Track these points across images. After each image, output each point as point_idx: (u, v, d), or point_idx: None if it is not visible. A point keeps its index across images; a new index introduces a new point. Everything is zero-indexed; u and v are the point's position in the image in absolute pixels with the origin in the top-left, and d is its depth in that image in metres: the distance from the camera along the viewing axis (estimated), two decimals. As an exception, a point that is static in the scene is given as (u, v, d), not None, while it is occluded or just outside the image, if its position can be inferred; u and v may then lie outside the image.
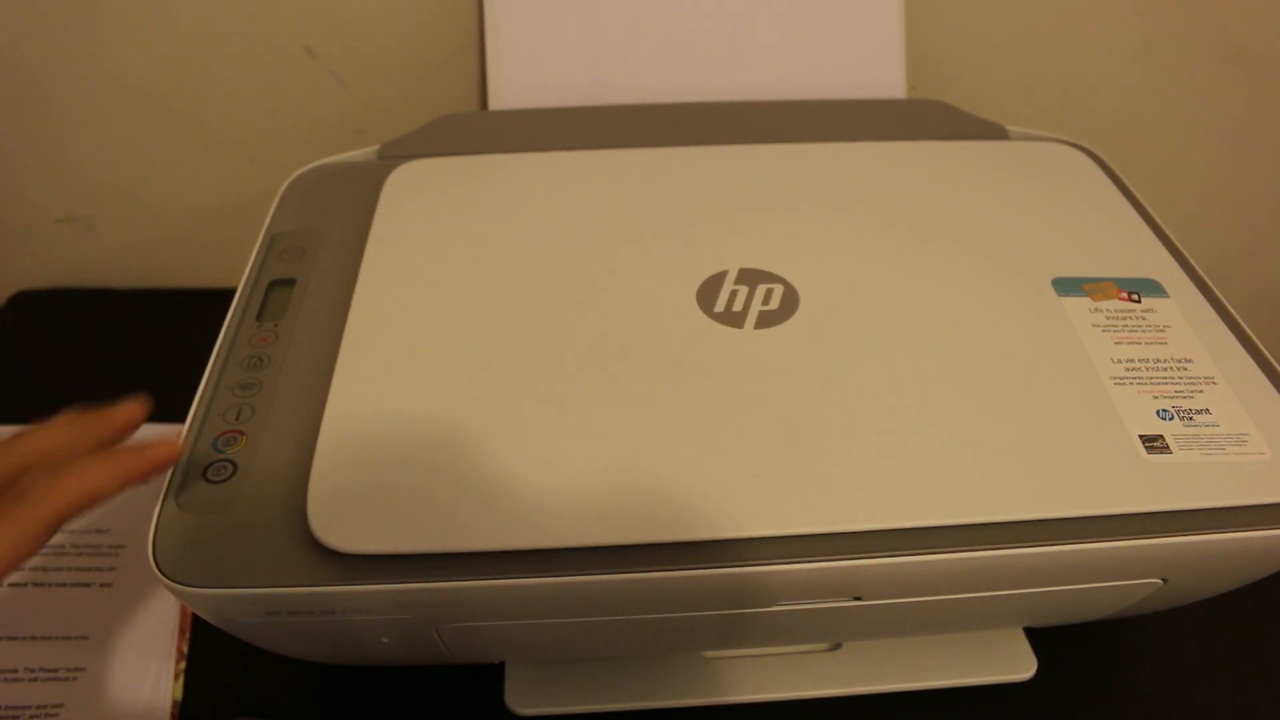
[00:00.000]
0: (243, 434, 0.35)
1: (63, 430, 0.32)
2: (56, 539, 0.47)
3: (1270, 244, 0.72)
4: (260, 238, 0.44)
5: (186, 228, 0.67)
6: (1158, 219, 0.45)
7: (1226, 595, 0.39)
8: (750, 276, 0.40)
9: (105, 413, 0.33)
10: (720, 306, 0.39)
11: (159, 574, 0.31)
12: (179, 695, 0.44)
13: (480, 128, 0.51)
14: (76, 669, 0.44)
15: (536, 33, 0.54)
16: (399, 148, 0.49)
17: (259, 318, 0.40)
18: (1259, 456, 0.34)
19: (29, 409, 0.56)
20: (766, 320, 0.38)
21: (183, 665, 0.44)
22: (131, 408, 0.33)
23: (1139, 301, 0.40)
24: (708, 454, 0.33)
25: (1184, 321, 0.39)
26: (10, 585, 0.48)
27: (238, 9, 0.57)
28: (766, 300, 0.39)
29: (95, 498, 0.30)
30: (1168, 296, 0.40)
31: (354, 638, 0.34)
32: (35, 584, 0.48)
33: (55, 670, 0.44)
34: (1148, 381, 0.37)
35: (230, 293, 0.41)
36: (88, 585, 0.48)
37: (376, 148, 0.49)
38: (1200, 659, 0.46)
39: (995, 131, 0.52)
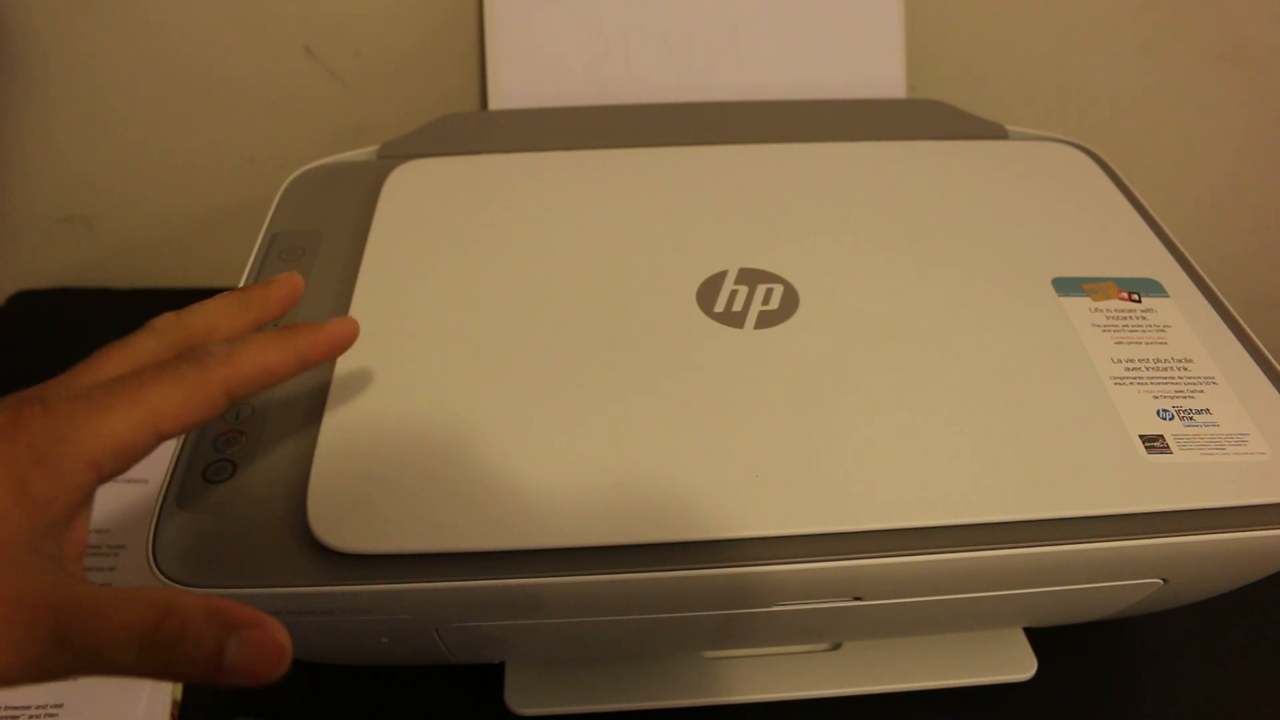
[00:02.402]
0: (242, 434, 0.35)
1: (224, 306, 0.30)
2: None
3: (1271, 244, 0.72)
4: (260, 238, 0.44)
5: (186, 227, 0.67)
6: (1158, 219, 0.45)
7: (1226, 595, 0.39)
8: (750, 276, 0.40)
9: (263, 287, 0.31)
10: (720, 306, 0.39)
11: (158, 574, 0.31)
12: (179, 695, 0.43)
13: (480, 128, 0.51)
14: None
15: (536, 33, 0.54)
16: (399, 148, 0.49)
17: (259, 317, 0.40)
18: (1259, 456, 0.34)
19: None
20: (766, 320, 0.38)
21: (182, 665, 0.44)
22: (289, 280, 0.32)
23: (1139, 301, 0.40)
24: (708, 454, 0.33)
25: (1184, 321, 0.39)
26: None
27: (237, 9, 0.57)
28: (766, 300, 0.39)
29: (270, 375, 0.28)
30: (1168, 296, 0.40)
31: (354, 638, 0.34)
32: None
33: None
34: (1148, 381, 0.36)
35: (230, 292, 0.41)
36: (87, 585, 0.48)
37: (376, 148, 0.49)
38: (1200, 659, 0.46)
39: (995, 131, 0.52)
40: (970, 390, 0.36)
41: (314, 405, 0.35)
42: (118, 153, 0.63)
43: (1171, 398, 0.36)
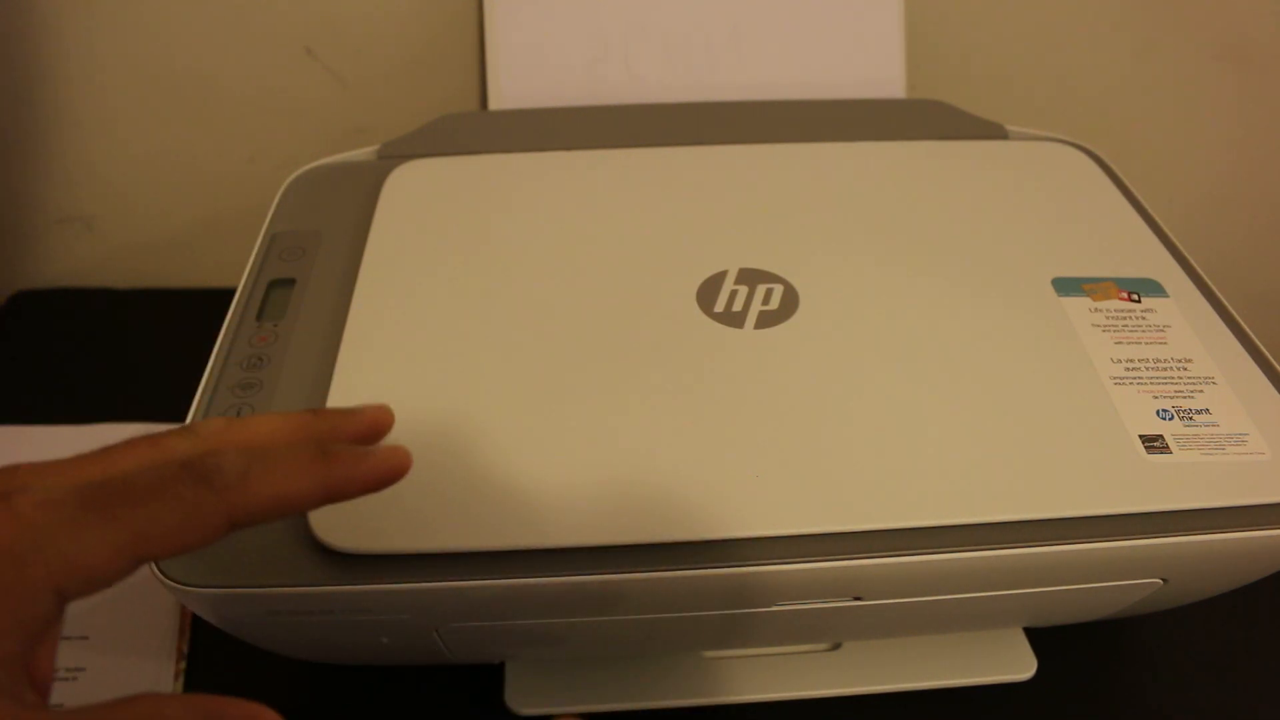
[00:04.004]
0: (243, 434, 0.35)
1: (283, 423, 0.24)
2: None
3: (1270, 244, 0.72)
4: (260, 238, 0.44)
5: (186, 227, 0.67)
6: (1158, 219, 0.45)
7: (1227, 596, 0.39)
8: (750, 276, 0.40)
9: (342, 413, 0.25)
10: (720, 306, 0.39)
11: (158, 574, 0.31)
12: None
13: (480, 128, 0.51)
14: (76, 669, 0.44)
15: (536, 33, 0.54)
16: (399, 148, 0.49)
17: (259, 317, 0.40)
18: (1259, 456, 0.34)
19: (29, 409, 0.56)
20: (766, 320, 0.38)
21: (183, 665, 0.44)
22: (377, 413, 0.26)
23: (1139, 301, 0.40)
24: (707, 454, 0.33)
25: (1184, 321, 0.39)
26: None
27: (238, 9, 0.57)
28: (766, 300, 0.39)
29: (289, 508, 0.22)
30: (1167, 296, 0.40)
31: (354, 638, 0.34)
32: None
33: (55, 670, 0.44)
34: (1147, 381, 0.37)
35: (230, 293, 0.41)
36: (88, 585, 0.48)
37: (376, 148, 0.49)
38: (1200, 659, 0.46)
39: (995, 131, 0.52)
40: (970, 390, 0.36)
41: (314, 405, 0.35)
42: (118, 153, 0.63)
43: (1171, 398, 0.36)
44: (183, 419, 0.36)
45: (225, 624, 0.33)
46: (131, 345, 0.63)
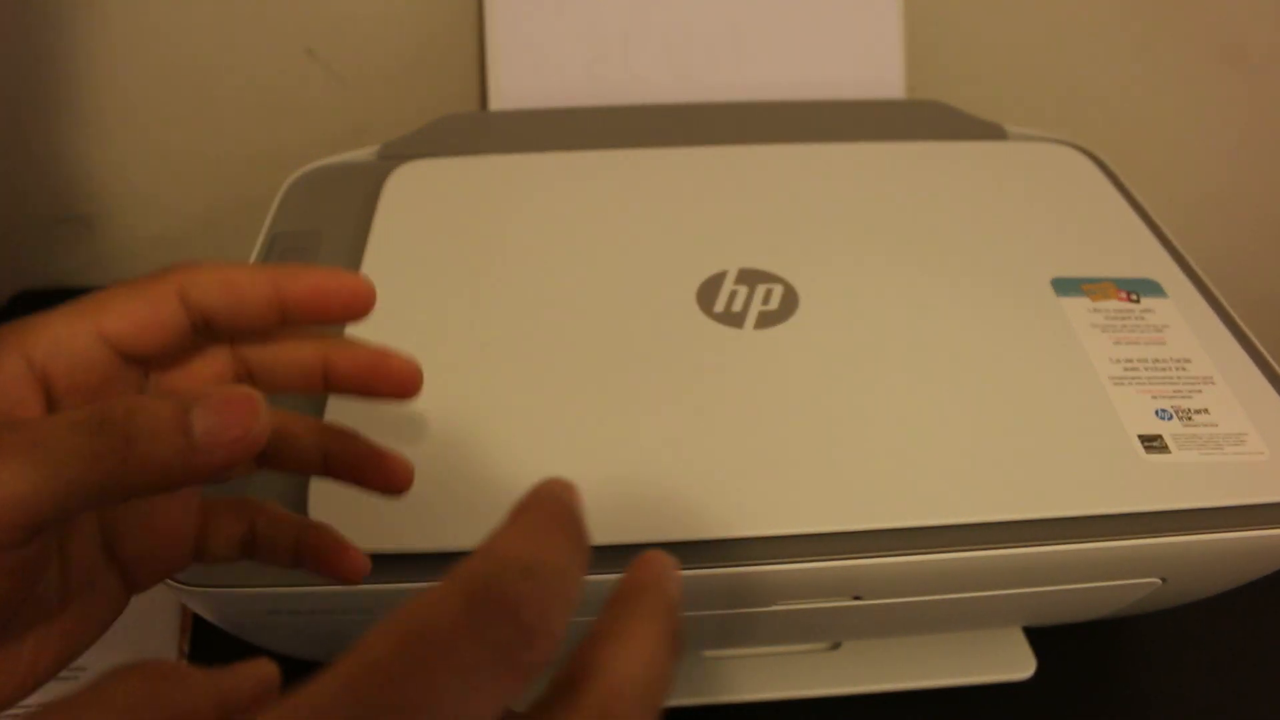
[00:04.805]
0: (243, 434, 0.35)
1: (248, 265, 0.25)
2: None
3: (1269, 244, 0.72)
4: (260, 238, 0.44)
5: (187, 227, 0.67)
6: (1156, 219, 0.45)
7: (1226, 595, 0.39)
8: (750, 276, 0.40)
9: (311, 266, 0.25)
10: (720, 306, 0.39)
11: (160, 573, 0.31)
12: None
13: (481, 128, 0.51)
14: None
15: (536, 33, 0.54)
16: (399, 148, 0.49)
17: (259, 318, 0.40)
18: (1257, 456, 0.34)
19: (29, 409, 0.56)
20: (766, 320, 0.38)
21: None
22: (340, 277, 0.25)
23: (1138, 301, 0.40)
24: (707, 454, 0.33)
25: (1182, 321, 0.39)
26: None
27: (238, 9, 0.57)
28: (766, 300, 0.39)
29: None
30: (1166, 296, 0.40)
31: (354, 638, 0.34)
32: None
33: None
34: (1146, 381, 0.37)
35: (231, 293, 0.41)
36: (88, 585, 0.48)
37: (376, 148, 0.50)
38: (1200, 659, 0.46)
39: (994, 132, 0.52)
40: (969, 390, 0.36)
41: (315, 404, 0.35)
42: (118, 153, 0.63)
43: (1170, 398, 0.36)
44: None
45: (225, 624, 0.33)
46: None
